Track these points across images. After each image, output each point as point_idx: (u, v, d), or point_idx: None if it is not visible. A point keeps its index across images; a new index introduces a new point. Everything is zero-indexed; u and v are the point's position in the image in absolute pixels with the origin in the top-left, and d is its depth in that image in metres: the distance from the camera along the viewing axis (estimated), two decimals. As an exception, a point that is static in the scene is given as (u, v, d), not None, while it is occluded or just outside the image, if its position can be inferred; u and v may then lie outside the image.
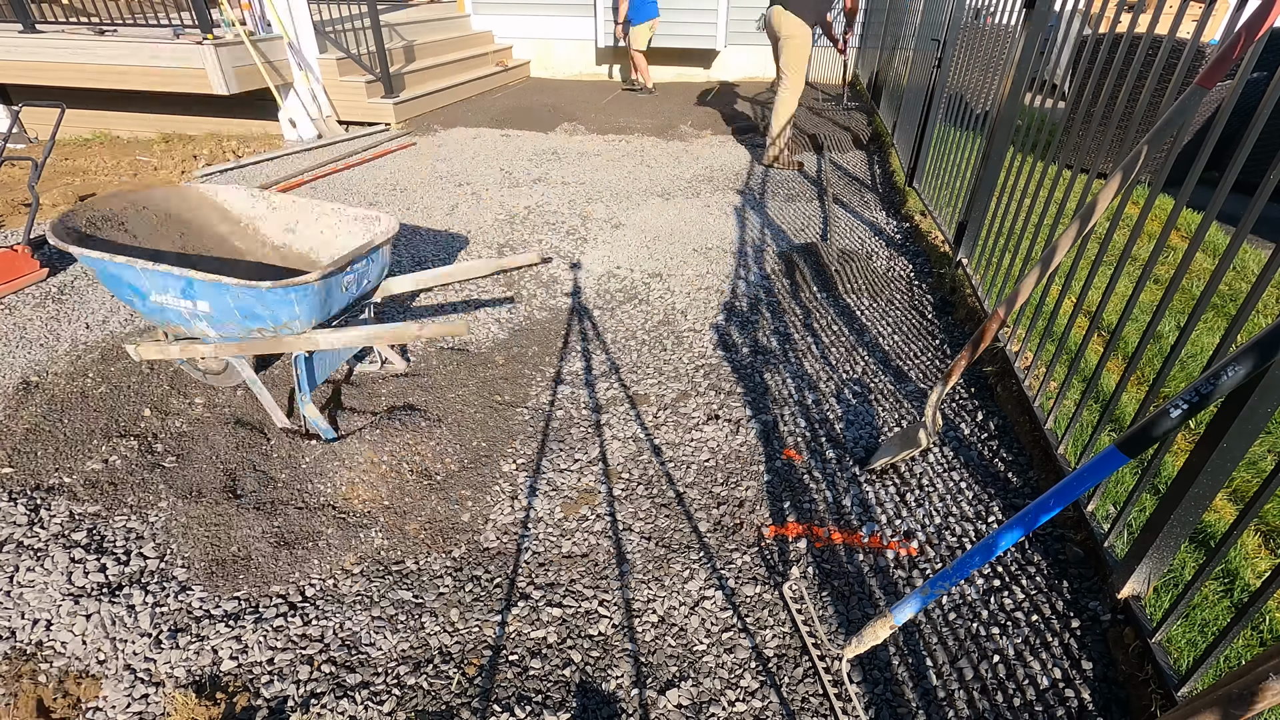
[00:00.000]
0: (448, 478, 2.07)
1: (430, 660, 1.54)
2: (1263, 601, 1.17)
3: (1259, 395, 1.21)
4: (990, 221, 2.78)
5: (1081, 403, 1.86)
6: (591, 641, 1.59)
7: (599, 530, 1.89)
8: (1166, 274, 3.26)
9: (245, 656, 1.54)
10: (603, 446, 2.21)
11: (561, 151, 5.49)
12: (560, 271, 3.44)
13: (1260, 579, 1.71)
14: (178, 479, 2.03)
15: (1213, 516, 1.93)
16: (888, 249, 3.69)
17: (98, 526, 1.86)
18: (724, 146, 5.69)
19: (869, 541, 1.85)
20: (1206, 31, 1.56)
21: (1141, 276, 1.63)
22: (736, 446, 2.22)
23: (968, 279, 3.04)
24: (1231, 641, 1.25)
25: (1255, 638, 1.59)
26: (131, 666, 1.51)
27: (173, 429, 2.24)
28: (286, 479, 2.04)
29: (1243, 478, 2.07)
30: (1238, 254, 1.36)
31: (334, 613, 1.64)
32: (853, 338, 2.84)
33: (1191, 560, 1.76)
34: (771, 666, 1.53)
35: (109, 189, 4.84)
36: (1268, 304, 3.09)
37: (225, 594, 1.68)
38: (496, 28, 8.75)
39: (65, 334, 2.79)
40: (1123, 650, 1.51)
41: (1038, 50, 2.58)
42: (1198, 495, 1.37)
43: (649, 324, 2.96)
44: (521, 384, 2.53)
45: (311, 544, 1.81)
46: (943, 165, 3.69)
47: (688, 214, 4.21)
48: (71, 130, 6.51)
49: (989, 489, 2.03)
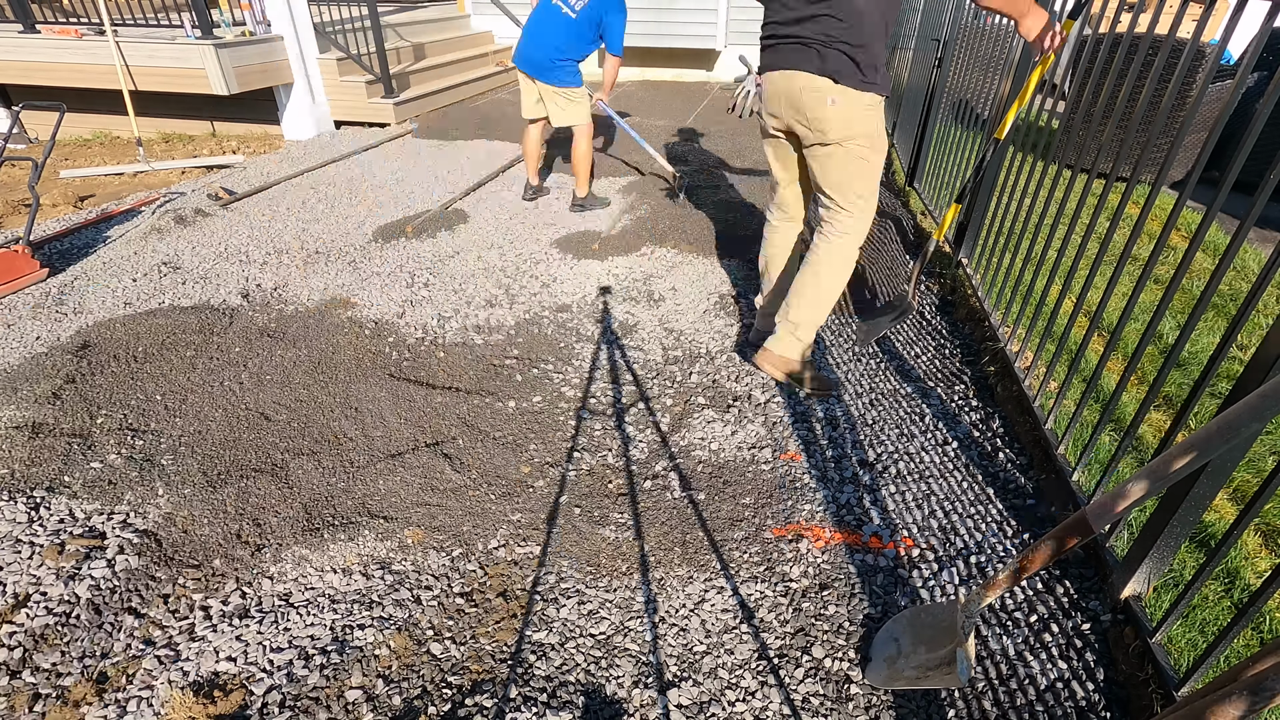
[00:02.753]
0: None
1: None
2: (1263, 601, 1.17)
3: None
4: (990, 222, 2.78)
5: (1082, 402, 1.85)
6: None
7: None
8: (1167, 274, 3.26)
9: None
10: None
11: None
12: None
13: (1261, 579, 1.71)
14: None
15: (1213, 516, 1.93)
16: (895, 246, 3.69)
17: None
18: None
19: (869, 541, 1.85)
20: (1206, 32, 1.56)
21: (1142, 276, 1.63)
22: (738, 445, 2.22)
23: (968, 279, 3.04)
24: (1231, 641, 1.25)
25: (1255, 638, 1.59)
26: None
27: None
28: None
29: (1243, 477, 2.07)
30: (1238, 253, 1.36)
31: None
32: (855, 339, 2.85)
33: (1192, 560, 1.76)
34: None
35: (109, 189, 4.85)
36: (1268, 303, 3.09)
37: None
38: (497, 28, 8.75)
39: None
40: (1123, 650, 1.50)
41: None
42: (1198, 495, 1.37)
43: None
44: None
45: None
46: (943, 165, 3.69)
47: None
48: (72, 131, 6.51)
49: (990, 488, 2.03)
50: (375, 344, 2.77)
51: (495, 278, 3.36)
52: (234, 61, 5.36)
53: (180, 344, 2.73)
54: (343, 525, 1.90)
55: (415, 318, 2.98)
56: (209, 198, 4.27)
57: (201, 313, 2.97)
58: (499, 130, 6.04)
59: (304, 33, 5.90)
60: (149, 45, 5.35)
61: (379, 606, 1.66)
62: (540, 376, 2.59)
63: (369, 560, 1.79)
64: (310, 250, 3.64)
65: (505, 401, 2.44)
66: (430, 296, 3.17)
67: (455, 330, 2.89)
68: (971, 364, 2.62)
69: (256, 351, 2.70)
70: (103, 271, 3.35)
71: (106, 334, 2.78)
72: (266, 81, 5.73)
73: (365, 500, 1.99)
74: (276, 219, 4.07)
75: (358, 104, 6.21)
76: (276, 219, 4.07)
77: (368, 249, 3.68)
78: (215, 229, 3.89)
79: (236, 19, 5.73)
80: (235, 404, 2.39)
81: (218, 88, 5.35)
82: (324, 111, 6.23)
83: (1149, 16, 1.83)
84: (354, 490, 2.03)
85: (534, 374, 2.60)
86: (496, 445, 2.23)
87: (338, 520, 1.92)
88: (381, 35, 5.99)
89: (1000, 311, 2.62)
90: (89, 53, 5.49)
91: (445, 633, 1.61)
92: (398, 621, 1.63)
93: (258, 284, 3.26)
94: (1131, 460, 2.10)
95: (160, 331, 2.80)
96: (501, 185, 4.71)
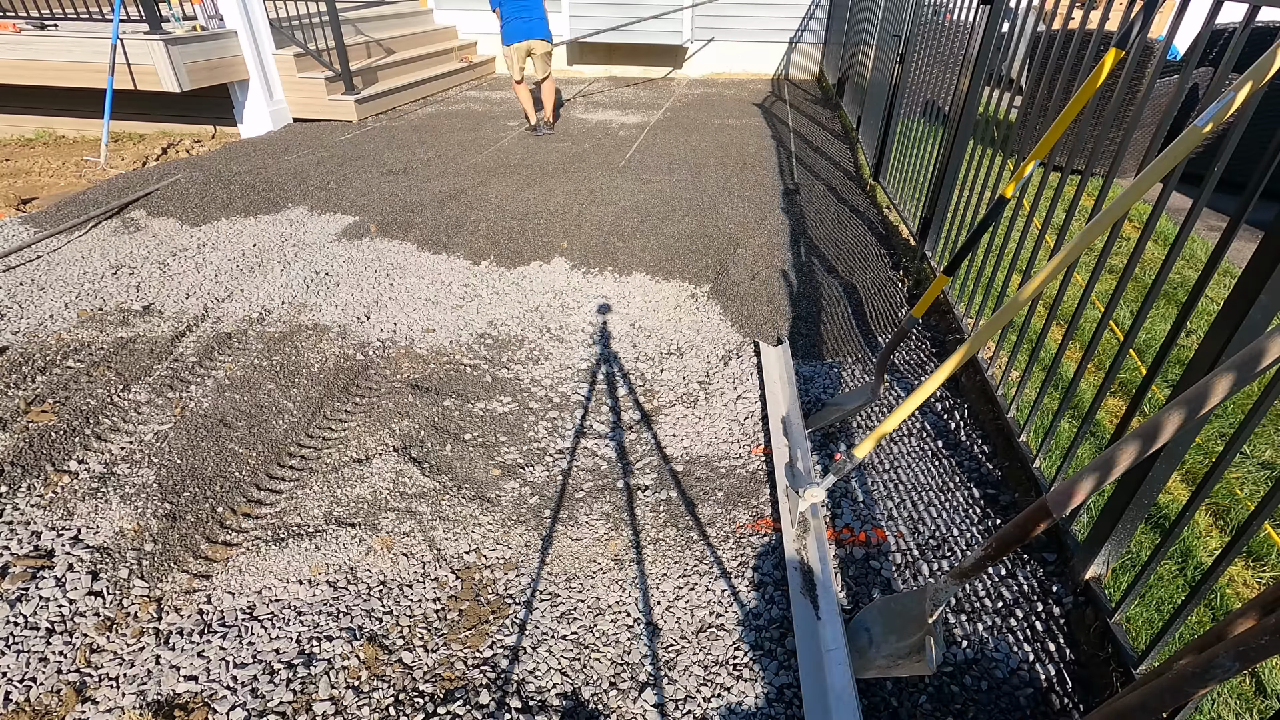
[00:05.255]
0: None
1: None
2: (1214, 579, 1.22)
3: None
4: (952, 217, 2.83)
5: (1042, 391, 1.90)
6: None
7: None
8: (1122, 264, 3.36)
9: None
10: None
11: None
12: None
13: (1212, 557, 1.78)
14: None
15: (1165, 498, 1.99)
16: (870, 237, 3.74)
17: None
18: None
19: (841, 531, 1.88)
20: (1154, 28, 1.60)
21: (1096, 266, 1.67)
22: (712, 438, 2.22)
23: (933, 272, 3.10)
24: (1185, 619, 1.30)
25: (1208, 614, 1.65)
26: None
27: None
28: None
29: (1194, 460, 2.15)
30: (1186, 243, 1.41)
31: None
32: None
33: (1147, 541, 1.82)
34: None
35: (53, 190, 4.64)
36: (1214, 291, 3.21)
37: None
38: (460, 23, 8.62)
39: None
40: (1084, 631, 1.55)
41: (995, 46, 2.64)
42: (1153, 479, 1.41)
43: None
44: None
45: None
46: (906, 161, 3.75)
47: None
48: (13, 130, 6.23)
49: (957, 477, 2.07)
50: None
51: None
52: (185, 58, 5.18)
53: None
54: (309, 534, 1.85)
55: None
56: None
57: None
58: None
59: (259, 27, 5.73)
60: (94, 41, 5.14)
61: (346, 617, 1.63)
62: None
63: (335, 568, 1.75)
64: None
65: (474, 403, 2.40)
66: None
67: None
68: (938, 356, 2.67)
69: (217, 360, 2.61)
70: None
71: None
72: (220, 78, 5.55)
73: (331, 508, 1.94)
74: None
75: (317, 101, 6.06)
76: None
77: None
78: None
79: (187, 13, 5.53)
80: (194, 410, 2.31)
81: (168, 85, 5.17)
82: (282, 108, 6.06)
83: (1099, 13, 1.88)
84: (320, 497, 1.98)
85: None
86: (466, 447, 2.20)
87: (303, 529, 1.87)
88: (340, 30, 5.85)
89: (963, 304, 2.68)
90: (28, 48, 5.25)
91: (416, 641, 1.58)
92: (368, 631, 1.59)
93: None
94: (1090, 446, 2.17)
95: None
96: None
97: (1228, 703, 1.44)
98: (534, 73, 5.75)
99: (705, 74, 8.81)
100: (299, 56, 5.90)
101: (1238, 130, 1.26)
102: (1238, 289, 1.19)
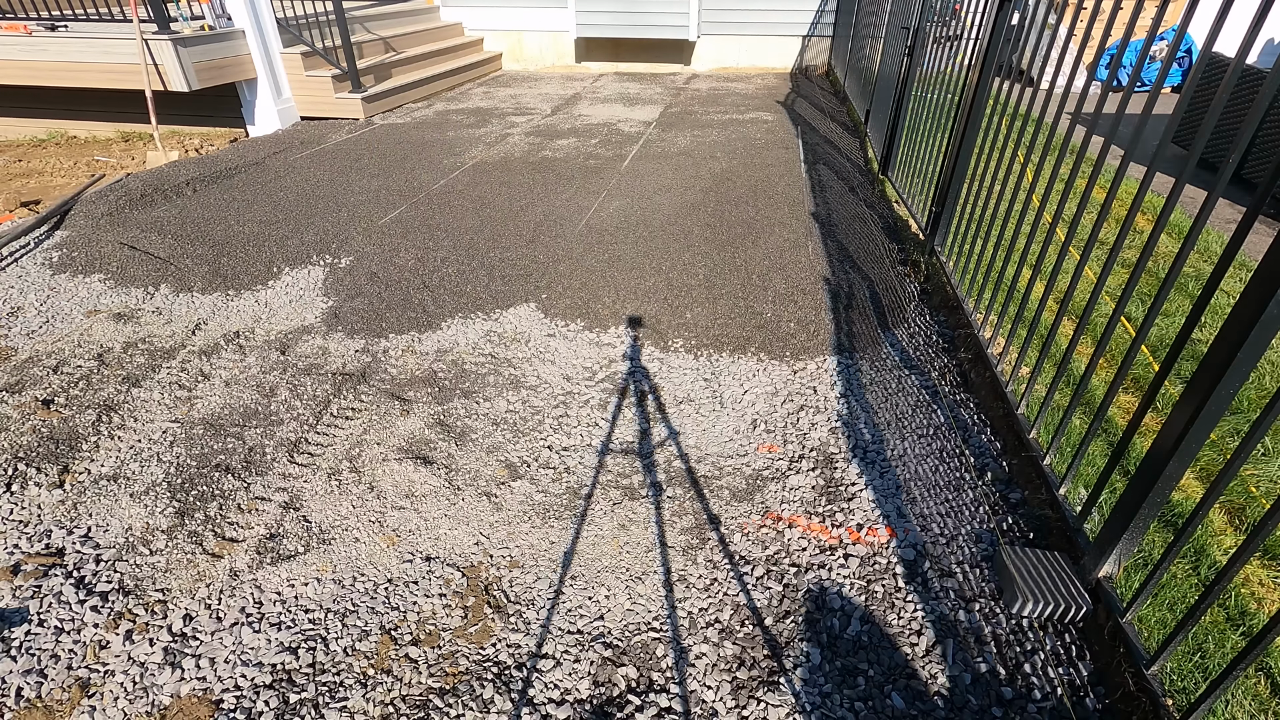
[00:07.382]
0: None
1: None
2: (1229, 579, 1.19)
3: (1228, 376, 1.23)
4: (961, 210, 2.80)
5: (1053, 386, 1.87)
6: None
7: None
8: (1134, 258, 3.31)
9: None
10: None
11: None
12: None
13: (1226, 555, 1.75)
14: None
15: (1179, 495, 1.96)
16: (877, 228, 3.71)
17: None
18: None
19: (846, 530, 1.86)
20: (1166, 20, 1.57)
21: (1108, 260, 1.64)
22: (722, 430, 2.21)
23: (942, 267, 3.06)
24: (1199, 619, 1.27)
25: (1222, 615, 1.62)
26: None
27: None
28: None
29: (1209, 456, 2.11)
30: (1200, 236, 1.37)
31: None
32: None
33: (1160, 540, 1.79)
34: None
35: (65, 191, 4.69)
36: (1229, 285, 3.15)
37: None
38: (467, 20, 8.61)
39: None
40: (1097, 631, 1.53)
41: (1005, 37, 2.60)
42: (1166, 476, 1.38)
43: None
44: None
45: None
46: (915, 154, 3.70)
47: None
48: (26, 131, 6.29)
49: (965, 474, 2.04)
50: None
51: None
52: (193, 57, 5.21)
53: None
54: (316, 530, 1.85)
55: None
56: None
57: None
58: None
59: (267, 26, 5.75)
60: (104, 41, 5.17)
61: (353, 615, 1.63)
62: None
63: (342, 566, 1.75)
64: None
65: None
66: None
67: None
68: (948, 352, 2.64)
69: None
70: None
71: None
72: (228, 77, 5.58)
73: (337, 505, 1.95)
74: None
75: (324, 99, 6.08)
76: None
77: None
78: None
79: (195, 13, 5.56)
80: (194, 411, 2.33)
81: (177, 85, 5.20)
82: (289, 107, 6.09)
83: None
84: (326, 494, 1.98)
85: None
86: (474, 446, 2.20)
87: (311, 525, 1.87)
88: (347, 28, 5.86)
89: (973, 299, 2.64)
90: (40, 50, 5.29)
91: (423, 637, 1.58)
92: (373, 628, 1.59)
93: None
94: (1101, 443, 2.13)
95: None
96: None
97: (1242, 704, 1.42)
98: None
99: (712, 69, 8.76)
100: (306, 55, 5.92)
101: (1253, 121, 1.22)
102: (1255, 281, 1.16)
